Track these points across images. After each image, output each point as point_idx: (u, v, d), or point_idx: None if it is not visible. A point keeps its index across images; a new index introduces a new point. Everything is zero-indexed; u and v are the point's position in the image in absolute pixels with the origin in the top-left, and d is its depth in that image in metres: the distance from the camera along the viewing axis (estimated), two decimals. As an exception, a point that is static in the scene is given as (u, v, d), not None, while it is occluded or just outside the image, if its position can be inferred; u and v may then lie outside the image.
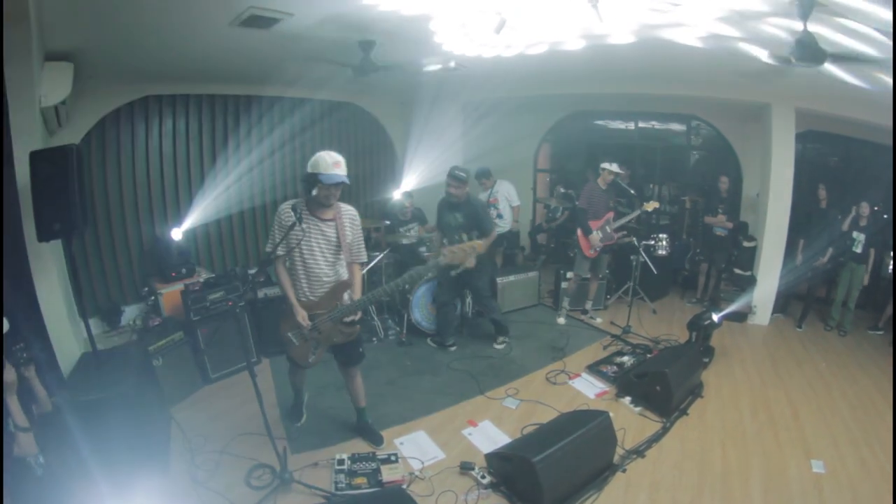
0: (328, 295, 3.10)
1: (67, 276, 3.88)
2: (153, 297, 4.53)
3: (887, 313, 5.42)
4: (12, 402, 2.37)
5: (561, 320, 5.60)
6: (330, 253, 3.05)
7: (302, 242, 2.97)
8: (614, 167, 5.29)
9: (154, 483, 3.11)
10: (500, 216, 6.38)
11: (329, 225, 3.03)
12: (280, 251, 2.99)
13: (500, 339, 5.11)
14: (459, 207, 4.63)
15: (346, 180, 2.89)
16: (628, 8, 3.20)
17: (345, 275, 3.16)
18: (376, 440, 3.56)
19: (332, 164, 2.85)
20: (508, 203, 6.42)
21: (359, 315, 3.15)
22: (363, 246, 3.20)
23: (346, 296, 3.14)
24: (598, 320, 5.71)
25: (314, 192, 2.88)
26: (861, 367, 4.67)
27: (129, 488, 2.96)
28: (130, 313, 4.84)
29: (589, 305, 5.84)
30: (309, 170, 2.89)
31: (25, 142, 3.25)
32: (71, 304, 3.82)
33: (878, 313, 5.55)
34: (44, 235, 3.16)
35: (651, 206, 5.30)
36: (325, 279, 3.08)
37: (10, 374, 2.32)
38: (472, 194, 4.78)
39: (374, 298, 3.20)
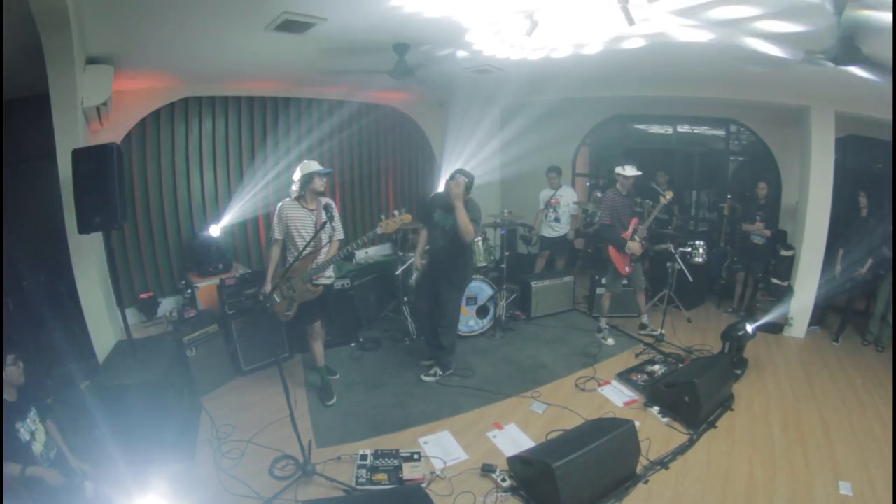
0: (301, 263, 3.77)
1: (106, 268, 4.05)
2: (190, 291, 4.68)
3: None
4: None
5: (610, 341, 5.23)
6: (321, 235, 3.78)
7: (300, 227, 3.83)
8: (628, 171, 4.91)
9: (179, 467, 3.26)
10: (557, 220, 6.38)
11: (314, 213, 3.87)
12: (278, 236, 3.89)
13: (434, 370, 4.50)
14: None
15: (330, 171, 4.16)
16: (659, 9, 3.14)
17: (324, 251, 3.92)
18: (326, 396, 4.11)
19: (317, 163, 3.88)
20: (569, 210, 6.38)
21: (328, 274, 4.00)
22: (339, 227, 3.97)
23: (314, 263, 3.85)
24: (659, 330, 5.28)
25: (311, 186, 3.81)
26: (897, 386, 4.45)
27: (153, 471, 3.10)
28: (167, 305, 5.01)
29: (645, 319, 5.45)
30: (303, 172, 3.79)
31: (68, 140, 3.43)
32: (109, 294, 3.99)
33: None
34: (84, 228, 3.30)
35: (667, 196, 4.90)
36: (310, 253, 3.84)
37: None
38: (471, 198, 4.24)
39: (332, 261, 3.88)
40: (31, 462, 2.52)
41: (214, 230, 5.09)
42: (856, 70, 3.24)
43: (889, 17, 2.68)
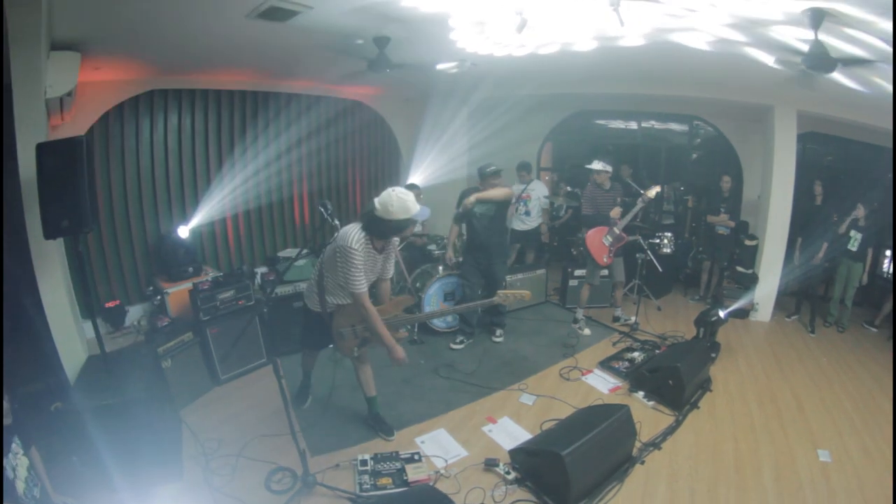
0: (392, 304, 3.38)
1: (70, 276, 3.73)
2: (159, 297, 4.39)
3: (884, 311, 5.57)
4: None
5: (587, 331, 5.35)
6: (375, 276, 3.31)
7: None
8: (598, 165, 5.05)
9: (170, 490, 3.05)
10: (527, 213, 6.44)
11: (381, 257, 3.27)
12: (365, 287, 3.11)
13: (500, 331, 5.21)
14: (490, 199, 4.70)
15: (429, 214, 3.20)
16: (645, 12, 3.24)
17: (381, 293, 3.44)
18: (386, 431, 3.62)
19: (413, 202, 3.02)
20: (539, 204, 6.47)
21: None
22: (392, 266, 3.47)
23: (404, 309, 3.42)
24: (633, 319, 5.49)
25: (405, 232, 3.22)
26: (860, 362, 4.82)
27: (146, 497, 2.89)
28: (134, 313, 4.69)
29: (619, 312, 5.65)
30: (400, 216, 2.97)
31: (31, 133, 3.09)
32: (75, 305, 3.67)
33: (875, 310, 5.72)
34: (51, 232, 3.01)
35: (652, 191, 4.91)
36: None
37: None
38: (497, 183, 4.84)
39: (433, 316, 3.64)
40: (16, 502, 2.27)
41: (183, 231, 4.79)
42: (828, 77, 3.46)
43: (862, 33, 2.90)
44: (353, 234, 3.04)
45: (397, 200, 2.94)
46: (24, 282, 3.41)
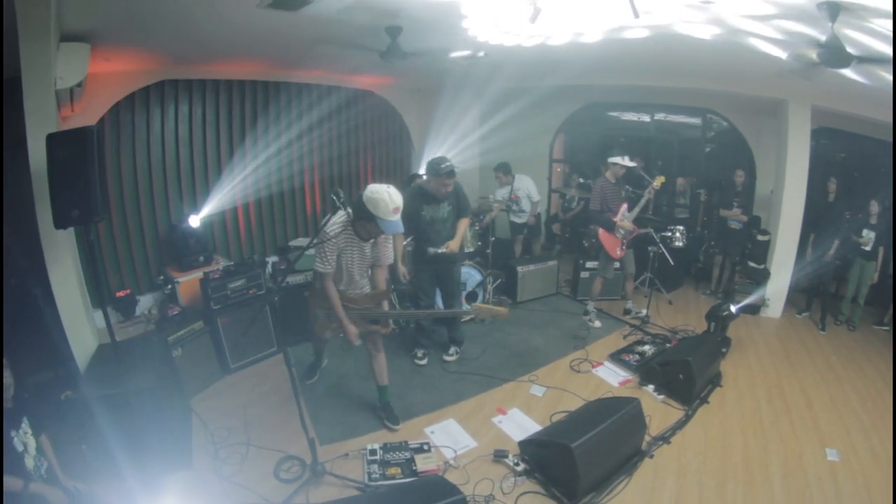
0: (368, 297, 3.44)
1: (80, 265, 3.75)
2: (169, 286, 4.41)
3: (891, 311, 5.50)
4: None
5: (598, 324, 5.31)
6: (365, 265, 3.38)
7: (344, 256, 3.23)
8: (626, 161, 4.94)
9: (179, 479, 3.08)
10: (521, 210, 6.46)
11: (367, 244, 3.29)
12: (330, 269, 3.19)
13: (453, 349, 4.63)
14: (446, 196, 4.16)
15: (402, 230, 3.03)
16: (660, 4, 3.19)
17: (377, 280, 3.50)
18: (392, 420, 3.64)
19: (393, 210, 2.93)
20: (529, 199, 6.46)
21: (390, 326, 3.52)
22: (390, 252, 3.51)
23: (384, 304, 3.48)
24: (644, 312, 5.46)
25: (366, 223, 3.05)
26: (870, 361, 4.77)
27: (155, 485, 2.92)
28: (145, 303, 4.72)
29: (630, 305, 5.62)
30: (369, 207, 2.94)
31: (41, 124, 3.11)
32: (85, 294, 3.69)
33: (885, 309, 5.65)
34: (61, 222, 3.01)
35: (659, 181, 4.92)
36: (359, 282, 3.44)
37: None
38: (458, 184, 4.27)
39: (401, 317, 3.56)
40: (25, 476, 2.29)
41: (194, 221, 4.81)
42: (843, 72, 3.40)
43: (879, 25, 2.83)
44: (335, 219, 3.17)
45: (376, 194, 2.94)
46: (34, 271, 3.45)
